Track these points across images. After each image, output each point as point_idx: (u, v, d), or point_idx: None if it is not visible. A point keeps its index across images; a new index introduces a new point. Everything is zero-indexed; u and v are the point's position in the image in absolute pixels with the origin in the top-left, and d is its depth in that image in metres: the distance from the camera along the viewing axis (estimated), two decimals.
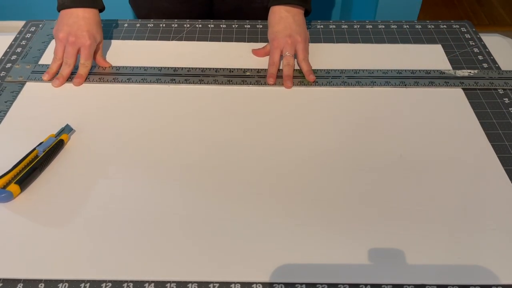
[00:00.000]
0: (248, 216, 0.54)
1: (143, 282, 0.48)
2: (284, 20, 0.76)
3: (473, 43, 0.84)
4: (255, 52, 0.80)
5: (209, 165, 0.61)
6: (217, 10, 0.99)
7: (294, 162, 0.61)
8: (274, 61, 0.75)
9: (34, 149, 0.60)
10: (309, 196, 0.57)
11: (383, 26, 0.87)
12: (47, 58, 0.79)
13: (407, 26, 0.87)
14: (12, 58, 0.79)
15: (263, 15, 0.81)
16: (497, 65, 0.78)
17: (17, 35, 0.85)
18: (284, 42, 0.75)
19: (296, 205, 0.56)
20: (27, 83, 0.74)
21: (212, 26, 0.87)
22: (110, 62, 0.77)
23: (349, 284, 0.48)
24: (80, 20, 0.73)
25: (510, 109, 0.70)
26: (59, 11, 0.75)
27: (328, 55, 0.80)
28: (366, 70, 0.76)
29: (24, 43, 0.82)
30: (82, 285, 0.48)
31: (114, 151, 0.62)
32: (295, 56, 0.76)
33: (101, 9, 0.77)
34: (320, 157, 0.62)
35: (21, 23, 0.87)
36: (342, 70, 0.76)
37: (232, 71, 0.76)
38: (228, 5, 0.96)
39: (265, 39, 0.81)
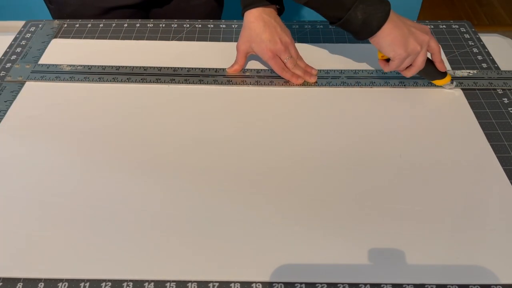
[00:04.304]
0: (248, 216, 0.54)
1: (143, 281, 0.49)
2: (268, 25, 0.71)
3: (472, 43, 0.84)
4: (231, 70, 0.75)
5: (208, 165, 0.61)
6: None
7: (294, 162, 0.61)
8: (281, 67, 0.73)
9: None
10: (309, 196, 0.57)
11: None
12: (47, 58, 0.79)
13: None
14: (12, 58, 0.79)
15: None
16: (496, 65, 0.78)
17: (17, 35, 0.85)
18: (278, 49, 0.71)
19: (296, 205, 0.56)
20: (27, 82, 0.74)
21: (212, 26, 0.87)
22: (110, 62, 0.77)
23: (349, 284, 0.48)
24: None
25: (509, 109, 0.70)
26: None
27: (328, 55, 0.80)
28: (366, 70, 0.76)
29: (24, 43, 0.83)
30: (82, 284, 0.48)
31: (113, 151, 0.62)
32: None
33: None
34: (319, 157, 0.62)
35: (21, 23, 0.87)
36: (341, 70, 0.76)
37: None
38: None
39: None
